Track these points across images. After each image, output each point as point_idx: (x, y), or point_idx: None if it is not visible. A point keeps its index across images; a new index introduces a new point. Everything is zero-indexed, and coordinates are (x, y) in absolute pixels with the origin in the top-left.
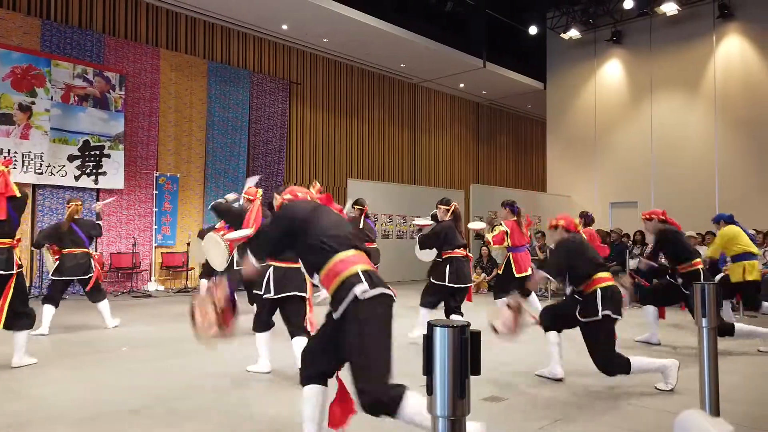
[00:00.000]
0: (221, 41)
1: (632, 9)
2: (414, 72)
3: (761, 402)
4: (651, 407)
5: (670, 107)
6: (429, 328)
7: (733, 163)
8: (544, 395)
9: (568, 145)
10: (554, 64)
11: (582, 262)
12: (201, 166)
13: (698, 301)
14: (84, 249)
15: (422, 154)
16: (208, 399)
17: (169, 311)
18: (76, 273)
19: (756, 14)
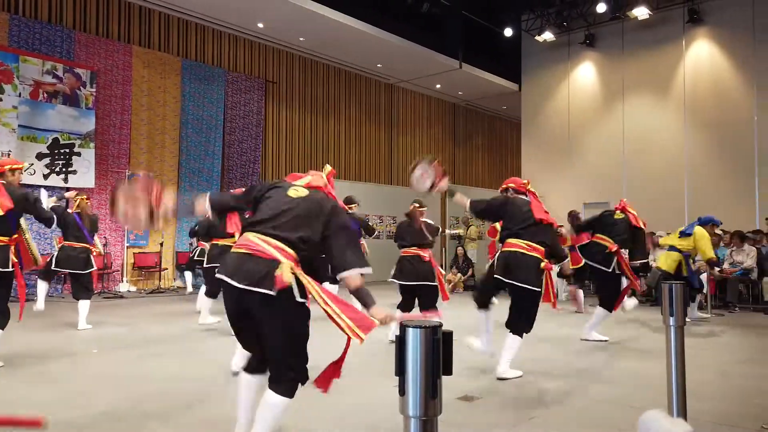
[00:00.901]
0: (195, 39)
1: (605, 13)
2: (391, 72)
3: (727, 397)
4: (619, 403)
5: (641, 109)
6: (401, 329)
7: (701, 164)
8: (517, 394)
9: (543, 146)
10: (529, 66)
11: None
12: (175, 165)
13: (666, 300)
14: (85, 244)
15: (399, 155)
16: (181, 402)
17: (142, 312)
18: (75, 266)
19: (724, 19)
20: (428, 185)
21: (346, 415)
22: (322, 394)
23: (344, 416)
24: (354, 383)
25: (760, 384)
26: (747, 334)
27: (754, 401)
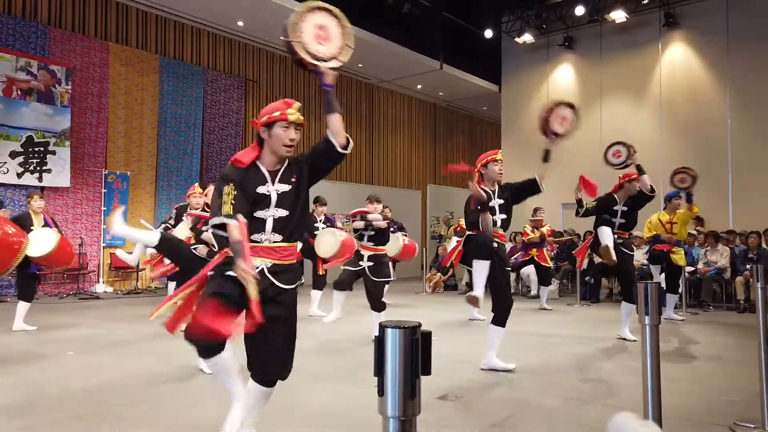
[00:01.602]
0: (174, 36)
1: (583, 15)
2: (372, 72)
3: (701, 394)
4: (596, 402)
5: (618, 111)
6: (380, 330)
7: (676, 164)
8: (496, 393)
9: (522, 147)
10: (509, 67)
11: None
12: (152, 165)
13: (641, 299)
14: None
15: (380, 155)
16: (157, 404)
17: (119, 313)
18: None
19: (699, 23)
20: (559, 130)
21: (321, 415)
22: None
23: (319, 416)
24: (331, 383)
25: (731, 381)
26: (720, 332)
27: (725, 398)
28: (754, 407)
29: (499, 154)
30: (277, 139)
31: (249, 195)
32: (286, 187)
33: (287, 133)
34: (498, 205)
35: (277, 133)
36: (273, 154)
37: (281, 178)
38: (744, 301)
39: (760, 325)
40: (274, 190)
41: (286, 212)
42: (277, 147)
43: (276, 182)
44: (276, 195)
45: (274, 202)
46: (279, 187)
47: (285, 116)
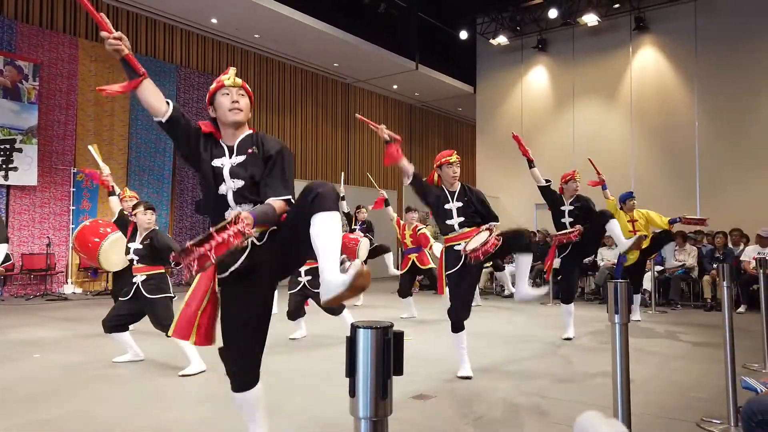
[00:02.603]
0: (146, 33)
1: (556, 18)
2: (348, 72)
3: (671, 391)
4: (567, 400)
5: (590, 113)
6: (352, 330)
7: (646, 166)
8: (469, 392)
9: (497, 147)
10: (483, 68)
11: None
12: (123, 163)
13: (611, 298)
14: None
15: (356, 154)
16: (129, 406)
17: (88, 315)
18: None
19: (668, 27)
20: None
21: (294, 414)
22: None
23: (293, 415)
24: (306, 383)
25: (698, 378)
26: (687, 330)
27: (692, 394)
28: (720, 403)
29: (454, 156)
30: (222, 107)
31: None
32: (241, 158)
33: (228, 98)
34: (456, 207)
35: (219, 102)
36: (225, 128)
37: (237, 150)
38: (711, 300)
39: (726, 323)
40: (229, 163)
41: (242, 182)
42: (224, 116)
43: (234, 155)
44: (229, 167)
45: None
46: (235, 159)
47: (221, 83)
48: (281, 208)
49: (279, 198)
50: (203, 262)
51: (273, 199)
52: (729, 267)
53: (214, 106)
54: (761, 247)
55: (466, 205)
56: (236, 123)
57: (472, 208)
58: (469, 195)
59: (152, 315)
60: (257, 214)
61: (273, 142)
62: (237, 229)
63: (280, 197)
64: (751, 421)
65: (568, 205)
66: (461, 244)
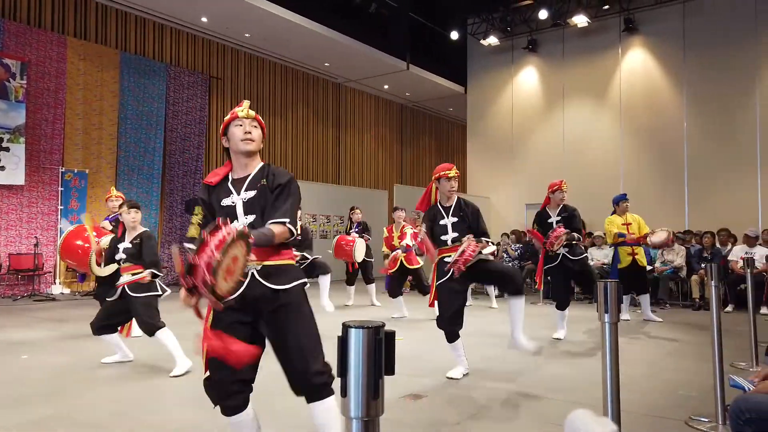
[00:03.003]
0: (135, 31)
1: (546, 19)
2: (339, 72)
3: (661, 390)
4: (558, 399)
5: (580, 114)
6: (344, 330)
7: (635, 167)
8: (459, 392)
9: (487, 148)
10: (474, 69)
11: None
12: (112, 162)
13: (601, 298)
14: None
15: (347, 154)
16: (117, 407)
17: (76, 315)
18: None
19: (657, 28)
20: None
21: (281, 416)
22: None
23: (279, 416)
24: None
25: (686, 376)
26: (675, 329)
27: (681, 393)
28: (708, 402)
29: (453, 171)
30: (234, 138)
31: (215, 210)
32: (252, 192)
33: (241, 129)
34: (451, 223)
35: (232, 132)
36: (238, 158)
37: (248, 186)
38: (699, 299)
39: (714, 322)
40: (240, 199)
41: (254, 216)
42: (236, 146)
43: (242, 191)
44: (242, 203)
45: (241, 211)
46: (245, 195)
47: (235, 114)
48: (281, 232)
49: (278, 221)
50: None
51: (272, 222)
52: (717, 267)
53: (228, 136)
54: (748, 246)
55: (461, 220)
56: (248, 152)
57: (466, 224)
58: (465, 210)
59: (139, 314)
60: (256, 235)
61: (284, 175)
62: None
63: (279, 220)
64: (738, 419)
65: (556, 217)
66: (452, 256)
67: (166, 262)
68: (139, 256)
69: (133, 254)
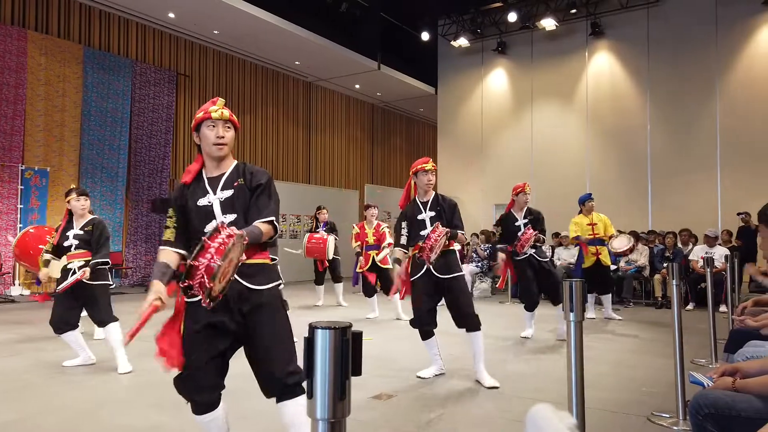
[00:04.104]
0: (99, 26)
1: (516, 22)
2: (309, 70)
3: (623, 387)
4: (525, 397)
5: (548, 116)
6: (310, 331)
7: (601, 169)
8: (428, 391)
9: (458, 148)
10: (445, 70)
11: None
12: (75, 160)
13: (567, 297)
14: None
15: (317, 154)
16: (78, 411)
17: (35, 317)
18: None
19: (622, 33)
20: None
21: (250, 416)
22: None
23: (248, 416)
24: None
25: (649, 373)
26: (639, 327)
27: (643, 389)
28: (670, 398)
29: (429, 164)
30: (206, 140)
31: (192, 211)
32: (229, 192)
33: (214, 131)
34: (428, 218)
35: (204, 134)
36: (210, 159)
37: (224, 185)
38: (661, 298)
39: (675, 320)
40: (216, 199)
41: (234, 216)
42: (208, 148)
43: (218, 190)
44: (219, 203)
45: (219, 211)
46: (222, 194)
47: (208, 114)
48: (268, 231)
49: (264, 220)
50: (210, 271)
51: (260, 222)
52: (678, 266)
53: (200, 135)
54: (708, 246)
55: (438, 215)
56: (220, 158)
57: (443, 218)
58: (442, 204)
59: (91, 303)
60: (249, 233)
61: (262, 174)
62: (228, 233)
63: (266, 219)
64: (698, 415)
65: (522, 220)
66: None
67: (130, 262)
68: (90, 242)
69: (85, 240)
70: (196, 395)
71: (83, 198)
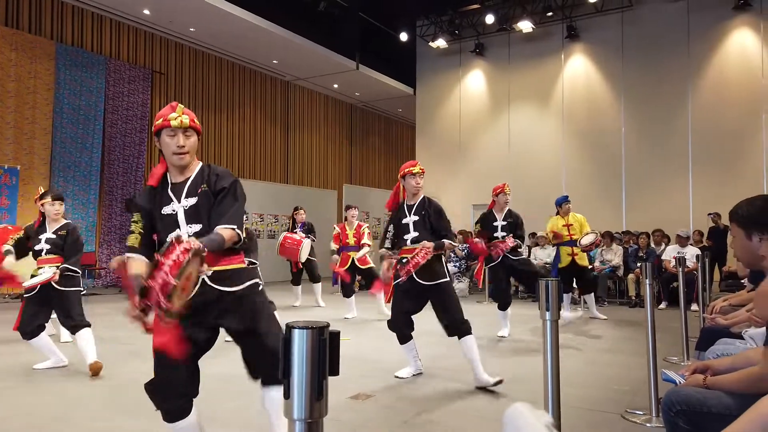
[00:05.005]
0: (72, 22)
1: (493, 24)
2: (287, 69)
3: (599, 385)
4: (502, 396)
5: (525, 117)
6: (287, 330)
7: (576, 170)
8: (406, 391)
9: (436, 149)
10: (423, 70)
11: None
12: (46, 158)
13: (542, 296)
14: None
15: (296, 153)
16: (53, 415)
17: (4, 319)
18: None
19: (597, 36)
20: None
21: (228, 419)
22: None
23: (226, 419)
24: (241, 387)
25: (622, 371)
26: (613, 325)
27: (616, 387)
28: (643, 395)
29: (417, 167)
30: (166, 148)
31: (156, 218)
32: (193, 200)
33: (174, 140)
34: (412, 222)
35: (165, 142)
36: (171, 165)
37: (188, 192)
38: (635, 297)
39: (648, 318)
40: (181, 207)
41: (200, 226)
42: (168, 157)
43: (182, 198)
44: (183, 211)
45: (183, 220)
46: (186, 202)
47: (167, 122)
48: (230, 237)
49: (225, 226)
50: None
51: (221, 228)
52: (651, 266)
53: (159, 142)
54: (680, 246)
55: (422, 219)
56: (182, 166)
57: (427, 223)
58: (427, 209)
59: (63, 309)
60: (207, 243)
61: (226, 177)
62: (183, 248)
63: (227, 226)
64: (670, 411)
65: (501, 221)
66: (407, 258)
67: (104, 263)
68: (63, 248)
69: (58, 245)
70: (167, 403)
71: (58, 203)
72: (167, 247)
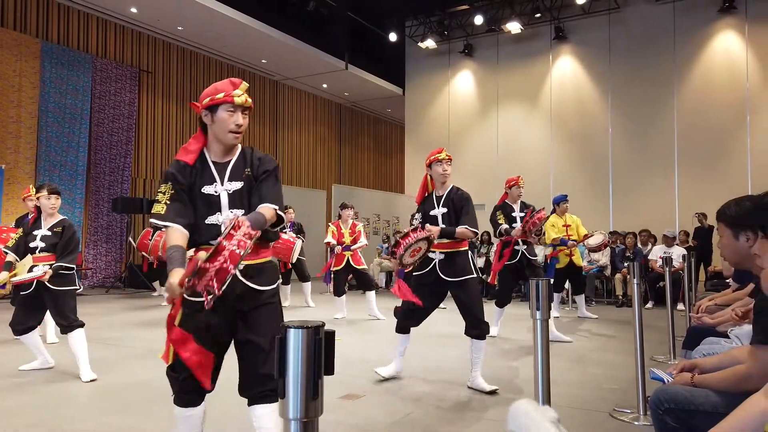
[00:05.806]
0: (58, 20)
1: (482, 25)
2: (276, 69)
3: (586, 383)
4: (493, 396)
5: (513, 118)
6: (283, 330)
7: (564, 170)
8: (397, 391)
9: (425, 149)
10: (412, 71)
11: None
12: (32, 158)
13: (533, 295)
14: None
15: (285, 153)
16: (39, 417)
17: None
18: None
19: (584, 38)
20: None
21: (217, 419)
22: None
23: (216, 418)
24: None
25: (610, 370)
26: (601, 325)
27: (605, 386)
28: (631, 394)
29: (443, 153)
30: (222, 125)
31: (195, 197)
32: (238, 184)
33: (234, 118)
34: (440, 214)
35: (221, 118)
36: (219, 143)
37: (231, 174)
38: (622, 296)
39: (636, 318)
40: (224, 191)
41: (242, 211)
42: (222, 134)
43: (226, 180)
44: (227, 195)
45: (226, 204)
46: (230, 186)
47: (231, 98)
48: (272, 216)
49: (269, 206)
50: (223, 277)
51: (263, 206)
52: (638, 266)
53: (213, 117)
54: (667, 246)
55: (449, 212)
56: (231, 147)
57: (454, 216)
58: (453, 199)
59: (57, 308)
60: (253, 221)
61: (269, 161)
62: (244, 232)
63: (270, 205)
64: (658, 410)
65: (519, 212)
66: (435, 252)
67: (90, 263)
68: (57, 246)
69: (53, 243)
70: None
71: (54, 197)
72: (228, 230)
